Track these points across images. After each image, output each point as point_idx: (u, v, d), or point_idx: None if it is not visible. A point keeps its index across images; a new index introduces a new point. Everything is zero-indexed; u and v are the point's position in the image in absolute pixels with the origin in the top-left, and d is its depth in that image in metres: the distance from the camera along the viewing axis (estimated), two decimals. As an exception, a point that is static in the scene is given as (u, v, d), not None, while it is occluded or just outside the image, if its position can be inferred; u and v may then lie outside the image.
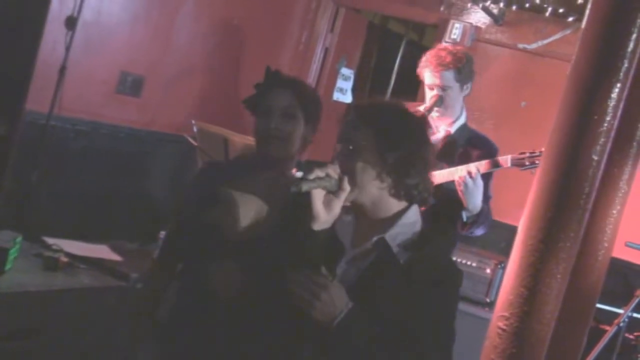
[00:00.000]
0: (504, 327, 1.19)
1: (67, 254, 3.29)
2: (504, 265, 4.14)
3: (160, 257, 2.55)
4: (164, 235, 2.60)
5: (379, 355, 1.79)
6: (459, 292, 1.96)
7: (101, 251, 3.53)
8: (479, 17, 5.12)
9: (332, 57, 5.85)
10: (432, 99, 3.16)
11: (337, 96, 5.86)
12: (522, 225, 1.22)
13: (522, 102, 5.00)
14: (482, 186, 2.97)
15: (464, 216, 3.04)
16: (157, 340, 2.37)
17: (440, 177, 2.97)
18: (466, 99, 3.32)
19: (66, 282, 3.13)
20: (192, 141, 3.71)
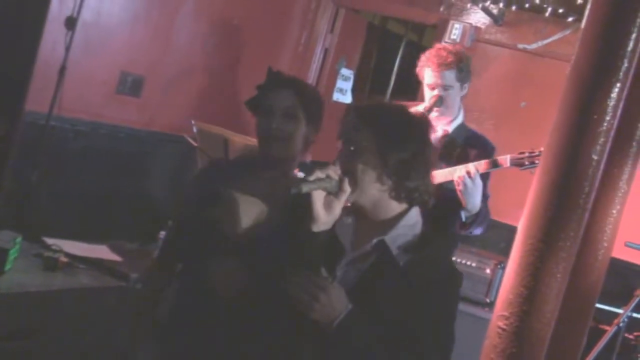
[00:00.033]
0: (504, 327, 1.19)
1: (67, 254, 3.29)
2: (503, 265, 4.14)
3: (160, 256, 2.55)
4: (164, 234, 2.60)
5: (378, 356, 1.80)
6: (458, 295, 1.97)
7: (101, 251, 3.53)
8: (478, 18, 5.12)
9: (332, 57, 5.85)
10: (432, 99, 3.16)
11: (336, 96, 5.86)
12: (522, 224, 1.22)
13: (522, 103, 5.00)
14: (481, 186, 2.98)
15: (463, 216, 3.04)
16: (157, 340, 2.37)
17: (439, 176, 2.97)
18: (466, 99, 3.33)
19: (66, 282, 3.12)
20: (191, 141, 3.71)
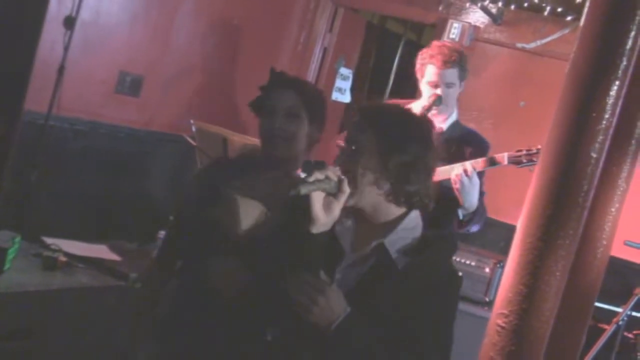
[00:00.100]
0: (503, 325, 1.19)
1: (66, 254, 3.29)
2: (503, 264, 4.14)
3: (159, 256, 2.54)
4: (164, 233, 2.60)
5: (378, 359, 1.79)
6: (458, 297, 1.96)
7: (100, 251, 3.53)
8: (477, 17, 5.12)
9: (331, 56, 5.85)
10: (431, 98, 3.15)
11: (335, 96, 5.85)
12: (521, 223, 1.23)
13: (521, 102, 5.00)
14: (478, 184, 2.97)
15: (460, 214, 3.03)
16: (156, 339, 2.36)
17: (435, 175, 2.96)
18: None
19: (65, 282, 3.12)
20: (191, 141, 3.71)
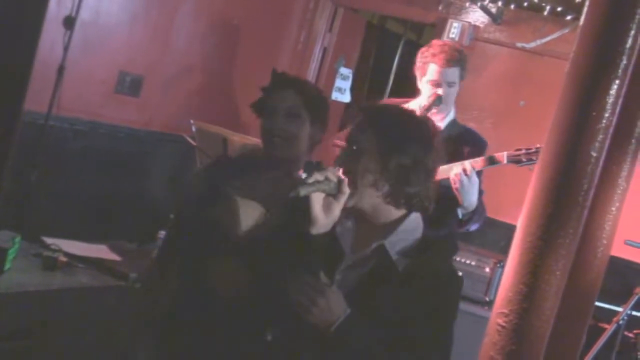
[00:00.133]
0: (503, 324, 1.19)
1: (66, 254, 3.28)
2: (503, 264, 4.14)
3: (159, 255, 2.54)
4: (165, 233, 2.59)
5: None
6: (458, 299, 1.95)
7: (100, 251, 3.53)
8: (477, 16, 5.12)
9: (331, 56, 5.85)
10: (431, 98, 3.15)
11: (335, 95, 5.86)
12: (521, 222, 1.22)
13: (521, 101, 5.00)
14: (478, 183, 2.97)
15: (460, 213, 3.03)
16: (156, 339, 2.36)
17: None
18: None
19: (65, 282, 3.12)
20: (190, 141, 3.70)
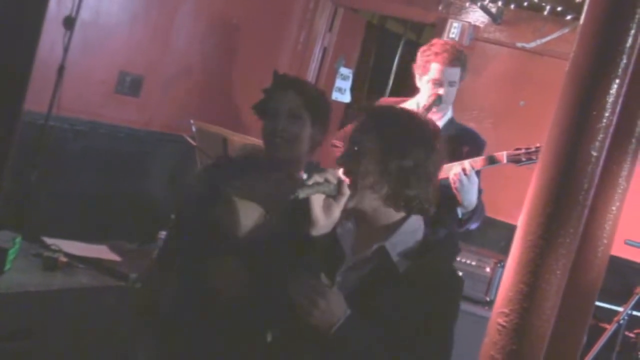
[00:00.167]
0: (504, 324, 1.19)
1: (66, 254, 3.28)
2: (503, 264, 4.14)
3: (160, 256, 2.54)
4: (165, 233, 2.59)
5: None
6: (459, 301, 1.94)
7: (100, 251, 3.53)
8: (477, 16, 5.12)
9: (331, 56, 5.85)
10: (431, 98, 3.15)
11: (335, 96, 5.86)
12: (522, 221, 1.22)
13: (521, 101, 5.00)
14: (477, 183, 2.96)
15: (460, 213, 3.02)
16: (156, 339, 2.36)
17: None
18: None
19: (65, 282, 3.12)
20: (191, 141, 3.70)
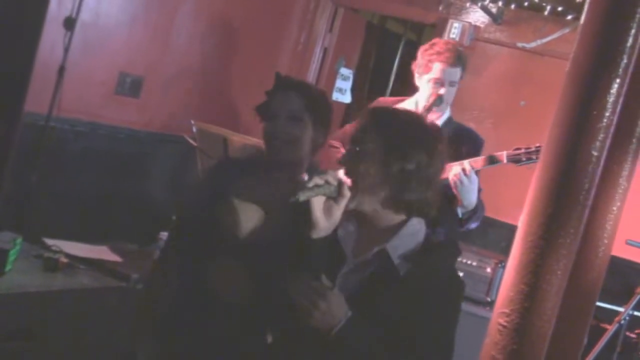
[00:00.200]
0: (505, 324, 1.19)
1: (67, 255, 3.28)
2: (504, 264, 4.14)
3: (162, 257, 2.54)
4: (167, 235, 2.59)
5: None
6: (460, 304, 1.93)
7: (101, 252, 3.52)
8: (477, 16, 5.12)
9: (331, 57, 5.85)
10: (432, 98, 3.15)
11: (336, 96, 5.86)
12: (522, 221, 1.22)
13: (522, 101, 5.00)
14: (477, 182, 2.96)
15: (460, 212, 3.02)
16: (157, 340, 2.36)
17: None
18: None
19: (66, 283, 3.12)
20: (191, 141, 3.70)
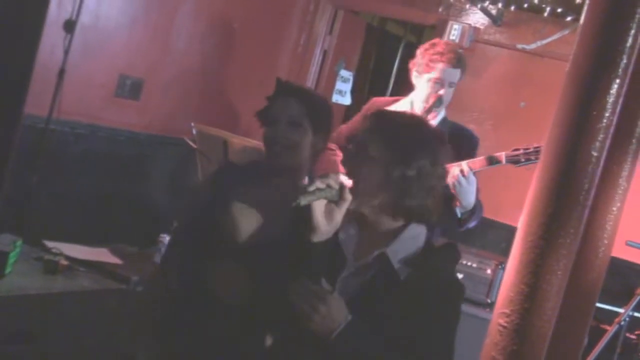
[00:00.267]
0: (505, 324, 1.19)
1: (67, 257, 3.28)
2: (504, 265, 4.14)
3: (163, 262, 2.54)
4: (169, 239, 2.59)
5: None
6: (460, 308, 1.93)
7: (101, 254, 3.52)
8: (477, 18, 5.13)
9: (331, 59, 5.85)
10: (432, 99, 3.16)
11: (336, 98, 5.86)
12: (522, 222, 1.22)
13: (521, 103, 5.00)
14: (475, 182, 2.95)
15: (459, 212, 3.02)
16: (157, 342, 2.36)
17: None
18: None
19: (66, 286, 3.11)
20: (191, 144, 3.70)
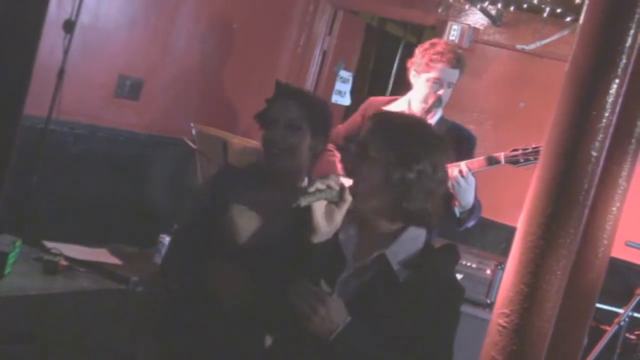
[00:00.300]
0: (504, 324, 1.19)
1: (67, 258, 3.28)
2: (503, 266, 4.13)
3: (164, 264, 2.54)
4: (170, 241, 2.59)
5: None
6: (459, 310, 1.93)
7: (101, 255, 3.52)
8: (477, 19, 5.13)
9: (331, 59, 5.85)
10: (432, 100, 3.16)
11: (335, 99, 5.87)
12: (522, 221, 1.22)
13: (521, 103, 5.00)
14: (474, 182, 2.95)
15: (457, 212, 3.02)
16: (157, 342, 2.36)
17: None
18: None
19: (66, 286, 3.11)
20: (191, 144, 3.71)
